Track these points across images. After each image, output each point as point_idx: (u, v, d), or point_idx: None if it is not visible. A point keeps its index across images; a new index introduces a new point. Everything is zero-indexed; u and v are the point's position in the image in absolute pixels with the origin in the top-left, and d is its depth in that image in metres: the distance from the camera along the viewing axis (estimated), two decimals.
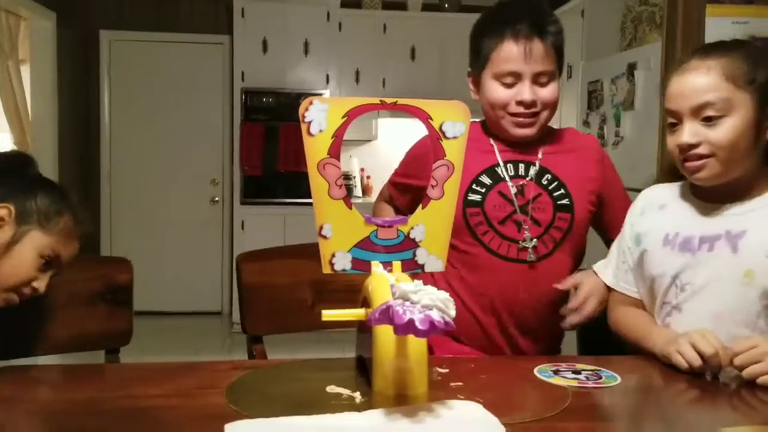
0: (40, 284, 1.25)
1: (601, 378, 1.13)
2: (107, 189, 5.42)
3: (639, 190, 1.47)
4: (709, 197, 1.31)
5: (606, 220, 1.60)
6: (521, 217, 1.48)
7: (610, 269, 1.46)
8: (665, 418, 1.02)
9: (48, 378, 1.11)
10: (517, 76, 1.46)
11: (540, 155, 1.54)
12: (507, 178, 1.51)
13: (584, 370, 1.17)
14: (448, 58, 5.13)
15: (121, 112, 5.35)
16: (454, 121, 1.10)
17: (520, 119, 1.49)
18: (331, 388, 1.04)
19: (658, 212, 1.38)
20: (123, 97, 5.33)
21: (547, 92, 1.48)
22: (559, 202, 1.50)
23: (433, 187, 1.12)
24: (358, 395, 1.01)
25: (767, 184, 1.28)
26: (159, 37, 5.34)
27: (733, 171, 1.25)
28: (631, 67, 3.37)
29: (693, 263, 1.27)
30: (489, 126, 1.57)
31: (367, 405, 0.97)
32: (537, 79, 1.47)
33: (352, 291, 1.52)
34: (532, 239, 1.48)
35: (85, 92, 5.36)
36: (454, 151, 1.11)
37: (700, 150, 1.24)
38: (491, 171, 1.52)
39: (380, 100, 1.08)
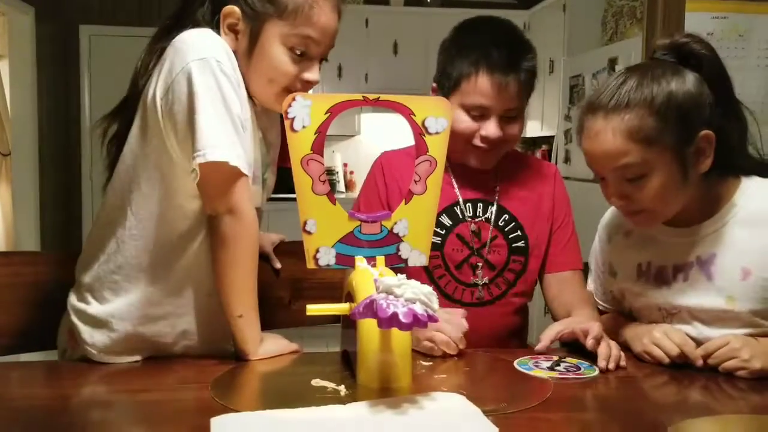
0: (311, 75, 1.20)
1: (580, 369, 1.15)
2: (89, 186, 5.37)
3: None
4: (670, 222, 1.26)
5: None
6: (477, 260, 1.49)
7: (591, 283, 1.47)
8: (645, 408, 1.04)
9: (34, 375, 1.10)
10: (486, 110, 1.40)
11: (498, 189, 1.52)
12: (466, 219, 1.49)
13: (563, 362, 1.19)
14: (430, 53, 5.05)
15: (102, 108, 5.21)
16: (437, 116, 1.11)
17: (482, 153, 1.45)
18: (316, 382, 1.05)
19: (624, 239, 1.35)
20: (104, 93, 5.27)
21: (513, 128, 1.44)
22: (514, 245, 1.50)
23: (416, 182, 1.13)
24: (342, 388, 1.02)
25: (726, 193, 1.22)
26: (140, 32, 5.26)
27: (674, 209, 1.20)
28: (613, 62, 3.40)
29: (671, 294, 1.25)
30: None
31: (351, 398, 0.98)
32: (505, 114, 1.41)
33: (329, 288, 1.54)
34: (485, 281, 1.48)
35: (65, 88, 5.32)
36: (437, 146, 1.12)
37: (632, 207, 1.20)
38: (451, 210, 1.50)
39: (363, 96, 1.09)
